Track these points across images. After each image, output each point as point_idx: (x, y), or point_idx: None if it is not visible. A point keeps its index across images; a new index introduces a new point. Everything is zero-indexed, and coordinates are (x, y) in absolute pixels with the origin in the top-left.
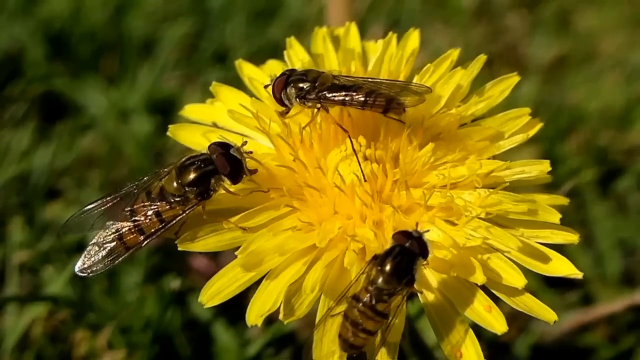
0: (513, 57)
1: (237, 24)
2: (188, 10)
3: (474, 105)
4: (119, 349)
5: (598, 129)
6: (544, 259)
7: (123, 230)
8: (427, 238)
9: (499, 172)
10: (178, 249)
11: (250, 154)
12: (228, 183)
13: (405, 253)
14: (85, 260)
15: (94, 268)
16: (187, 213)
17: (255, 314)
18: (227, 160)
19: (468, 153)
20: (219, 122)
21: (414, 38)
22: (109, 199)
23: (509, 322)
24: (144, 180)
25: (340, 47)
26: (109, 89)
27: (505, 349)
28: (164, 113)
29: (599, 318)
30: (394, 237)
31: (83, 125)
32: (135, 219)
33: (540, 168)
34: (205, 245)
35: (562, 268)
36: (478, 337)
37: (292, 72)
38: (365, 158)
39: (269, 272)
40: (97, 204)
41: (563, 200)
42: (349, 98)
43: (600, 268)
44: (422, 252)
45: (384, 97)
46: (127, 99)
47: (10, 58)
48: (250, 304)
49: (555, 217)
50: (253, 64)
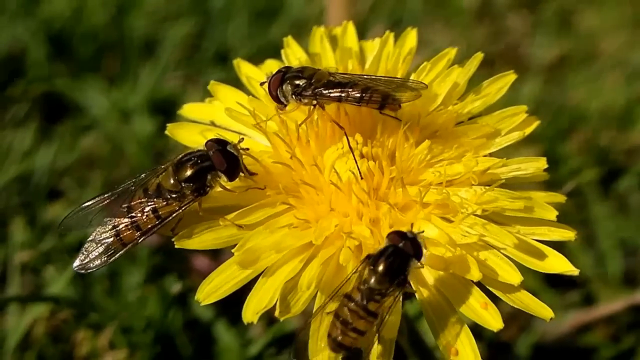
0: (514, 57)
1: (238, 24)
2: (189, 11)
3: (471, 103)
4: (121, 349)
5: (599, 129)
6: (540, 256)
7: (120, 227)
8: (421, 239)
9: (496, 169)
10: (175, 247)
11: (247, 151)
12: (224, 180)
13: (399, 254)
14: (83, 258)
15: (92, 264)
16: (183, 209)
17: (252, 312)
18: (223, 157)
19: (464, 150)
20: (217, 120)
21: (412, 37)
22: (107, 196)
23: (509, 321)
24: (142, 177)
25: (338, 46)
26: (111, 89)
27: (506, 349)
28: (166, 113)
29: (600, 318)
30: (389, 237)
31: (84, 126)
32: (132, 216)
33: (537, 165)
34: (202, 243)
35: (558, 265)
36: (478, 336)
37: (288, 69)
38: (362, 155)
39: (266, 269)
40: (95, 201)
41: (560, 198)
42: (345, 95)
43: (601, 268)
44: (416, 253)
45: (380, 93)
46: (128, 99)
47: (12, 58)
48: (247, 302)
49: (552, 214)
50: (253, 64)
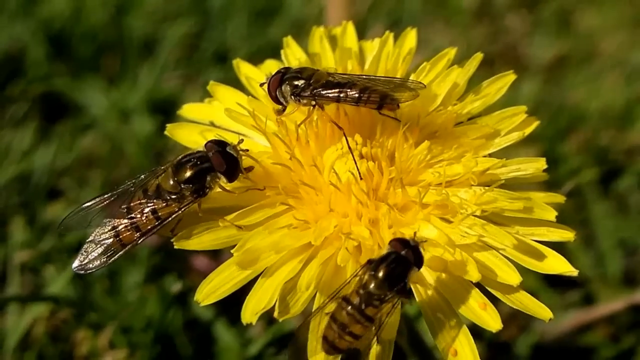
0: (513, 57)
1: (237, 24)
2: (188, 10)
3: (470, 104)
4: (121, 349)
5: (598, 129)
6: (540, 257)
7: (119, 228)
8: (423, 248)
9: (495, 169)
10: (175, 247)
11: (247, 152)
12: (224, 181)
13: (400, 261)
14: (83, 258)
15: (92, 265)
16: (182, 210)
17: (251, 312)
18: (223, 158)
19: (464, 151)
20: (217, 121)
21: (411, 37)
22: (107, 197)
23: (509, 321)
24: (141, 178)
25: (337, 46)
26: (110, 89)
27: (506, 349)
28: (165, 113)
29: (600, 317)
30: (391, 243)
31: (84, 125)
32: (132, 216)
33: (536, 166)
34: (201, 243)
35: (557, 266)
36: (478, 336)
37: (287, 70)
38: (361, 156)
39: (265, 270)
40: (95, 202)
41: (559, 198)
42: (344, 95)
43: (601, 268)
44: (417, 262)
45: (378, 93)
46: (127, 99)
47: (11, 58)
48: (246, 302)
49: (551, 214)
50: (252, 64)
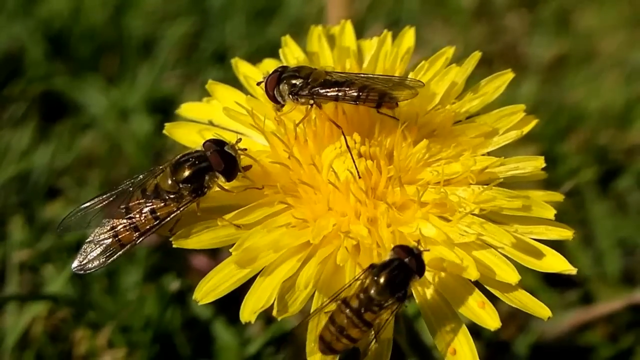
0: (512, 56)
1: (236, 24)
2: (188, 10)
3: (469, 102)
4: (119, 348)
5: (598, 129)
6: (538, 255)
7: (118, 228)
8: (425, 256)
9: (493, 168)
10: (173, 246)
11: (245, 151)
12: (222, 180)
13: (403, 268)
14: (82, 259)
15: (91, 265)
16: (181, 210)
17: (249, 311)
18: (221, 157)
19: (462, 149)
20: (215, 120)
21: (410, 36)
22: (106, 197)
23: (508, 320)
24: (140, 178)
25: (336, 45)
26: (109, 89)
27: (505, 348)
28: (164, 112)
29: (599, 317)
30: (394, 250)
31: (83, 125)
32: (130, 217)
33: (535, 164)
34: (199, 243)
35: (556, 264)
36: (477, 335)
37: (285, 68)
38: (360, 155)
39: (264, 268)
40: (94, 202)
41: (558, 197)
42: (342, 93)
43: (600, 267)
44: (419, 270)
45: (377, 92)
46: (127, 99)
47: (10, 57)
48: (245, 301)
49: (550, 213)
50: (251, 63)
